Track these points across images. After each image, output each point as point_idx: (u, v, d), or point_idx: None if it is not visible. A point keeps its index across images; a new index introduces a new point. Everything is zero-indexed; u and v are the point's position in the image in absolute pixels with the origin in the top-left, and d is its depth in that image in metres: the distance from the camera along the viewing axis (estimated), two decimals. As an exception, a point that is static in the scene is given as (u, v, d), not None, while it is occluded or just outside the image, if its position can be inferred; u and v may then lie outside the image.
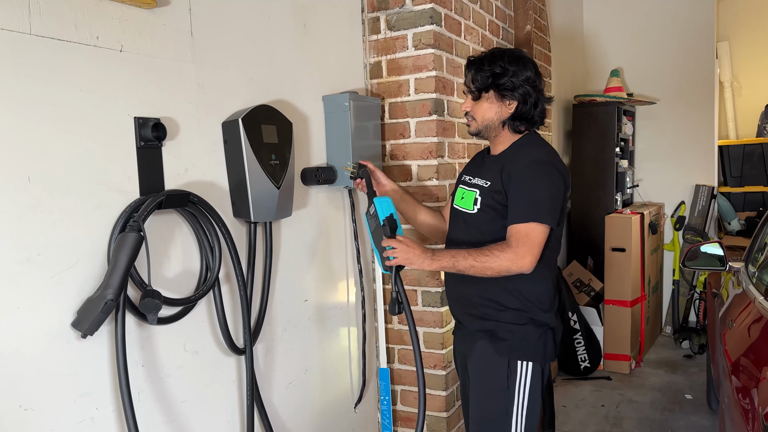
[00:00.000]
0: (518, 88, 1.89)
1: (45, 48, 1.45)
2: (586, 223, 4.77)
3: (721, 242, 3.04)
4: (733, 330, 2.43)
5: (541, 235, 1.79)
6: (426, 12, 2.54)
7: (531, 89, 1.90)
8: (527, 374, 1.89)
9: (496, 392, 1.90)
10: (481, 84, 1.91)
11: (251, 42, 2.06)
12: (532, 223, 1.79)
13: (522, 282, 1.87)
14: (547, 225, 1.80)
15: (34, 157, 1.44)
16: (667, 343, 4.90)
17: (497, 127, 1.95)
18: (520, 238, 1.79)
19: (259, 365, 2.12)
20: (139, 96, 1.68)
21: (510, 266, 1.79)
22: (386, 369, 2.71)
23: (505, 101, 1.91)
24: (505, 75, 1.88)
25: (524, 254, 1.78)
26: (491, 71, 1.89)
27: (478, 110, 1.95)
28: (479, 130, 1.98)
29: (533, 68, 1.92)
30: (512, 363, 1.89)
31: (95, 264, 1.57)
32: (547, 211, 1.81)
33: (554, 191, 1.83)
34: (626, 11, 5.21)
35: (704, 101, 5.02)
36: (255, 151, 1.92)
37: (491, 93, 1.91)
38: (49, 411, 1.48)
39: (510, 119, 1.93)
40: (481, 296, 1.93)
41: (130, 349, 1.63)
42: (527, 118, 1.93)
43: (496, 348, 1.91)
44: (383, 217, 1.92)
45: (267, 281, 2.10)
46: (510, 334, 1.90)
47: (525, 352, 1.89)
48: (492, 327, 1.92)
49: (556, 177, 1.85)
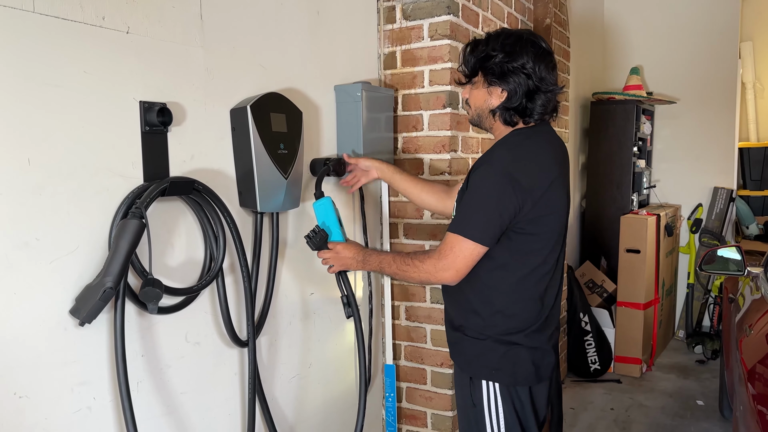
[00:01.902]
0: (509, 75, 1.66)
1: (48, 27, 1.41)
2: (600, 224, 4.69)
3: (740, 246, 2.97)
4: (750, 337, 2.36)
5: (466, 250, 1.62)
6: (443, 2, 2.48)
7: (524, 77, 1.66)
8: (496, 395, 1.71)
9: (465, 409, 1.79)
10: (470, 66, 1.74)
11: (262, 28, 2.02)
12: (459, 237, 1.63)
13: (494, 295, 1.71)
14: (475, 242, 1.61)
15: (35, 140, 1.40)
16: (679, 348, 4.82)
17: (489, 117, 1.75)
18: (445, 248, 1.65)
19: (262, 358, 2.08)
20: (145, 80, 1.64)
21: (429, 278, 1.69)
22: (392, 365, 2.67)
23: (494, 88, 1.70)
24: (494, 58, 1.67)
25: (444, 268, 1.65)
26: (484, 53, 1.69)
27: (472, 96, 1.78)
28: (473, 118, 1.81)
29: (533, 53, 1.66)
30: (474, 380, 1.74)
31: (96, 250, 1.53)
32: (480, 229, 1.61)
33: (499, 208, 1.60)
34: (648, 8, 5.10)
35: (725, 102, 4.91)
36: (263, 139, 1.87)
37: (480, 77, 1.72)
38: (46, 399, 1.45)
39: (501, 109, 1.71)
40: (453, 306, 1.82)
41: (129, 339, 1.60)
42: (519, 110, 1.70)
43: (457, 362, 1.82)
44: (318, 223, 1.98)
45: (272, 273, 2.06)
46: (471, 349, 1.75)
47: (485, 371, 1.72)
48: (457, 339, 1.80)
49: (507, 193, 1.60)
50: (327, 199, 2.00)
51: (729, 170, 4.98)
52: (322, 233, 1.93)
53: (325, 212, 1.98)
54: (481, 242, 1.62)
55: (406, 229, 2.67)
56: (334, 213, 1.97)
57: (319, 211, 1.99)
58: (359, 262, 1.87)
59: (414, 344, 2.70)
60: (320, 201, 2.00)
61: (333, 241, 1.95)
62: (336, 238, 1.96)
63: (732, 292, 3.24)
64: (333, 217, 1.97)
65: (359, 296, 2.58)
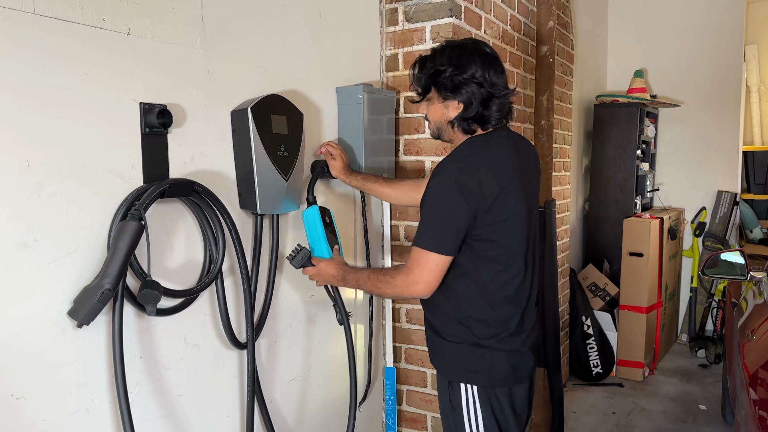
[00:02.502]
0: (461, 87, 1.69)
1: (48, 28, 1.41)
2: (603, 227, 4.68)
3: (743, 251, 2.96)
4: (752, 342, 2.35)
5: (431, 262, 1.64)
6: (445, 4, 2.48)
7: (476, 86, 1.68)
8: (474, 397, 1.74)
9: (446, 412, 1.81)
10: (421, 84, 1.77)
11: (264, 30, 2.01)
12: (421, 250, 1.65)
13: (459, 299, 1.74)
14: (436, 253, 1.63)
15: (34, 140, 1.40)
16: (682, 352, 4.80)
17: (448, 128, 1.78)
18: (411, 263, 1.68)
19: (262, 360, 2.08)
20: (145, 81, 1.64)
21: (402, 292, 1.71)
22: (392, 368, 2.66)
23: (449, 101, 1.73)
24: (443, 73, 1.70)
25: (414, 281, 1.67)
26: (432, 69, 1.72)
27: (430, 113, 1.81)
28: (435, 133, 1.84)
29: (481, 61, 1.69)
30: (453, 384, 1.77)
31: (95, 252, 1.53)
32: (438, 239, 1.64)
33: (445, 213, 1.63)
34: (652, 11, 5.09)
35: (730, 105, 4.89)
36: (264, 141, 1.87)
37: (434, 93, 1.76)
38: (43, 400, 1.44)
39: (459, 120, 1.74)
40: (430, 312, 1.84)
41: (128, 341, 1.60)
42: (477, 118, 1.73)
43: (437, 366, 1.83)
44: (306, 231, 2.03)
45: (272, 275, 2.06)
46: (448, 353, 1.78)
47: (462, 374, 1.75)
48: (437, 344, 1.82)
49: (456, 201, 1.62)
50: (314, 209, 2.01)
51: (733, 174, 4.96)
52: (304, 251, 1.95)
53: (312, 222, 2.01)
54: (442, 252, 1.64)
55: (408, 232, 2.66)
56: (320, 223, 1.99)
57: (306, 222, 2.03)
58: (339, 280, 1.91)
59: (414, 347, 2.70)
60: (307, 211, 2.03)
61: (316, 257, 1.98)
62: (319, 253, 1.99)
63: (735, 296, 3.23)
64: (319, 228, 1.99)
65: (360, 299, 2.58)
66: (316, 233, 2.00)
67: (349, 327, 2.19)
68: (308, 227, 2.02)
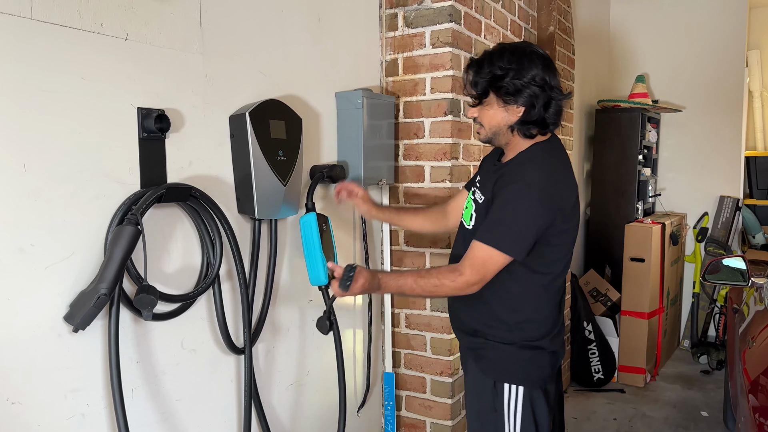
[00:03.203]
0: (523, 90, 1.67)
1: (46, 33, 1.41)
2: (605, 232, 4.66)
3: (744, 256, 2.94)
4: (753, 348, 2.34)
5: (496, 263, 1.65)
6: (445, 9, 2.48)
7: (538, 89, 1.67)
8: (517, 398, 1.75)
9: (485, 413, 1.81)
10: (480, 89, 1.73)
11: (263, 35, 2.02)
12: (491, 249, 1.64)
13: (516, 301, 1.76)
14: (507, 255, 1.64)
15: (32, 145, 1.40)
16: (684, 358, 4.77)
17: (506, 133, 1.76)
18: (473, 261, 1.66)
19: (260, 365, 2.07)
20: (143, 86, 1.64)
21: (454, 292, 1.70)
22: (391, 373, 2.66)
23: (509, 105, 1.71)
24: (505, 77, 1.67)
25: (474, 282, 1.66)
26: (490, 74, 1.69)
27: (485, 116, 1.77)
28: (489, 137, 1.80)
29: (541, 63, 1.68)
30: (498, 384, 1.77)
31: (91, 256, 1.53)
32: (513, 241, 1.65)
33: (533, 222, 1.65)
34: (654, 16, 5.08)
35: (732, 111, 4.87)
36: (262, 146, 1.87)
37: (493, 97, 1.72)
38: (38, 405, 1.44)
39: (519, 124, 1.72)
40: (470, 313, 1.84)
41: (125, 345, 1.59)
42: (538, 122, 1.72)
43: (480, 367, 1.82)
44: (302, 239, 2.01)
45: (270, 280, 2.06)
46: (495, 354, 1.78)
47: (510, 374, 1.76)
48: (479, 345, 1.82)
49: (542, 207, 1.65)
50: (311, 216, 2.01)
51: (735, 179, 4.94)
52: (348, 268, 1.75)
53: (308, 230, 2.00)
54: (513, 255, 1.65)
55: (407, 237, 2.66)
56: (317, 231, 1.98)
57: (302, 228, 2.02)
58: (375, 287, 1.72)
59: (414, 352, 2.69)
60: (304, 217, 2.03)
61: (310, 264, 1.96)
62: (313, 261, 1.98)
63: (736, 302, 3.21)
64: (315, 236, 1.98)
65: (359, 304, 2.57)
66: (311, 241, 1.99)
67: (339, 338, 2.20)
68: (304, 234, 2.02)
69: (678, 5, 4.98)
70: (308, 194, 2.11)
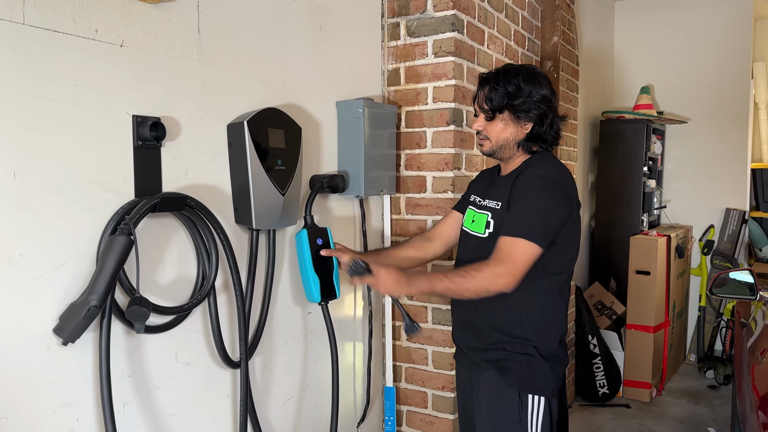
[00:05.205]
0: (534, 109, 1.80)
1: (39, 39, 1.39)
2: (609, 244, 4.61)
3: (752, 269, 2.89)
4: (762, 364, 2.28)
5: (526, 254, 1.69)
6: (448, 19, 2.45)
7: (547, 109, 1.82)
8: (539, 408, 1.79)
9: (508, 424, 1.80)
10: (495, 104, 1.82)
11: (263, 43, 1.99)
12: (519, 239, 1.69)
13: (534, 310, 1.80)
14: (535, 244, 1.69)
15: (22, 153, 1.37)
16: (690, 372, 4.70)
17: (512, 147, 1.86)
18: (502, 255, 1.70)
19: (256, 379, 2.03)
20: (139, 93, 1.61)
21: (488, 286, 1.70)
22: (392, 388, 2.60)
23: (520, 122, 1.82)
24: (521, 95, 1.79)
25: (503, 273, 1.68)
26: (506, 91, 1.80)
27: (492, 130, 1.85)
28: (494, 150, 1.88)
29: (548, 86, 1.84)
30: (523, 396, 1.79)
31: (83, 267, 1.49)
32: (539, 231, 1.70)
33: (554, 212, 1.74)
34: (659, 28, 5.06)
35: (738, 122, 4.83)
36: (260, 155, 1.84)
37: (506, 114, 1.82)
38: (27, 420, 1.40)
39: (525, 140, 1.85)
40: (490, 325, 1.84)
41: (116, 359, 1.55)
42: (542, 139, 1.85)
43: (505, 380, 1.81)
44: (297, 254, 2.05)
45: (268, 291, 2.01)
46: (520, 366, 1.80)
47: (535, 385, 1.80)
48: (501, 357, 1.82)
49: (560, 198, 1.76)
50: (302, 234, 2.02)
51: (741, 191, 4.88)
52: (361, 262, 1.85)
53: (300, 248, 2.04)
54: (538, 243, 1.69)
55: (408, 248, 2.61)
56: (308, 249, 2.00)
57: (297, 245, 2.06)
58: (405, 285, 1.78)
59: (415, 366, 2.64)
60: (298, 234, 2.05)
61: (376, 265, 1.86)
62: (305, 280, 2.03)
63: (744, 316, 3.15)
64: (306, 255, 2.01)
65: (359, 316, 2.53)
66: (303, 259, 2.02)
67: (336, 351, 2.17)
68: (297, 252, 2.05)
69: (683, 17, 4.96)
70: (307, 205, 2.08)
